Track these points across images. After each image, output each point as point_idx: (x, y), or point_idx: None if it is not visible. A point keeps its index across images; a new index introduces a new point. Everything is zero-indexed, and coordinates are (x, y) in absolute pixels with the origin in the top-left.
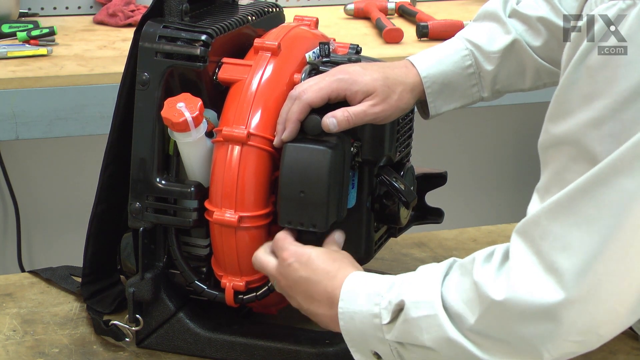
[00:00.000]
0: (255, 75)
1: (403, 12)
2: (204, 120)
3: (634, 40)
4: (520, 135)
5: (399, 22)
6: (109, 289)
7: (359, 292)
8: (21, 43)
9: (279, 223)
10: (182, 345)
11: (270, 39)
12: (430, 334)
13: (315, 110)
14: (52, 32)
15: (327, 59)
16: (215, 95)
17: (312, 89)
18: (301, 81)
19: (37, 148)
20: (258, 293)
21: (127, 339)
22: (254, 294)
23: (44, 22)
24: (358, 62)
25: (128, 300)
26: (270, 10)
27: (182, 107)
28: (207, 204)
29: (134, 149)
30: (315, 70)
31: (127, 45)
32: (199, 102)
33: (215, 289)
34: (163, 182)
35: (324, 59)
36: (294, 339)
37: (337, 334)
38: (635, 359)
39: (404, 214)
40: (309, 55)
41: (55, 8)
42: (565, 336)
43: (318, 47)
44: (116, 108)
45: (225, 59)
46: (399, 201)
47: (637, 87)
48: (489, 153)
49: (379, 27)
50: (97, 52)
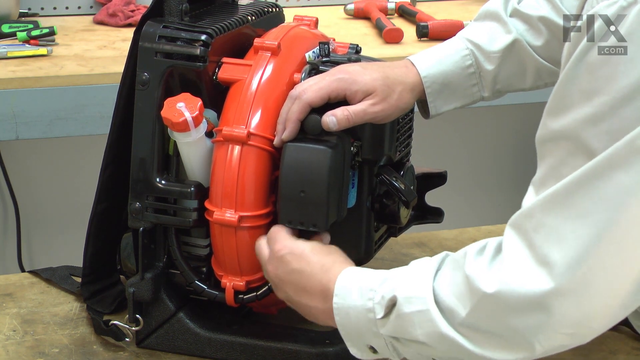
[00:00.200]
0: (255, 75)
1: (403, 12)
2: (204, 120)
3: (635, 38)
4: (520, 135)
5: (399, 22)
6: (109, 289)
7: (353, 287)
8: (21, 43)
9: (279, 222)
10: (182, 345)
11: (270, 38)
12: (423, 329)
13: (315, 110)
14: (52, 32)
15: (327, 58)
16: (215, 95)
17: (312, 89)
18: (301, 81)
19: (37, 148)
20: (258, 293)
21: (127, 339)
22: (254, 293)
23: (44, 22)
24: (358, 61)
25: (128, 300)
26: (270, 10)
27: (182, 107)
28: (207, 204)
29: (134, 149)
30: (315, 70)
31: (127, 45)
32: (199, 102)
33: (215, 288)
34: (163, 182)
35: (323, 59)
36: (294, 339)
37: (337, 334)
38: (635, 359)
39: (404, 213)
40: (309, 55)
41: (55, 8)
42: (556, 328)
43: (318, 47)
44: (116, 108)
45: (225, 59)
46: (399, 201)
47: (637, 85)
48: (489, 153)
49: (379, 27)
50: (97, 52)
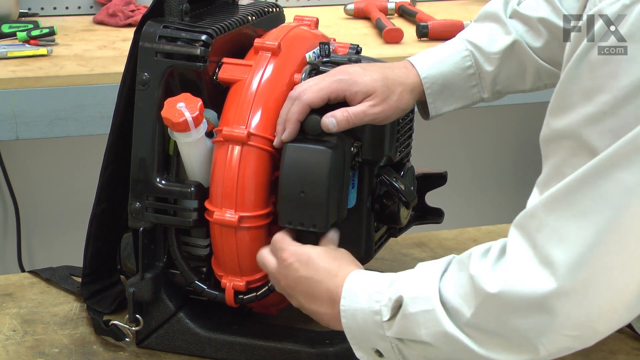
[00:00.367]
0: (255, 75)
1: (403, 12)
2: (204, 120)
3: (636, 37)
4: (520, 135)
5: (399, 22)
6: (109, 289)
7: (360, 290)
8: (21, 43)
9: (279, 223)
10: (182, 345)
11: (270, 39)
12: (427, 329)
13: (315, 110)
14: (52, 32)
15: (327, 59)
16: (215, 95)
17: (312, 90)
18: (301, 81)
19: (37, 148)
20: (258, 293)
21: (127, 339)
22: (254, 294)
23: (44, 22)
24: (358, 62)
25: (128, 300)
26: (270, 10)
27: (182, 107)
28: (207, 204)
29: (134, 149)
30: (315, 71)
31: (127, 45)
32: (199, 102)
33: (215, 289)
34: (163, 182)
35: (324, 59)
36: (294, 339)
37: (337, 334)
38: (635, 359)
39: (404, 214)
40: (309, 55)
41: (55, 8)
42: (560, 329)
43: (318, 47)
44: (116, 108)
45: (225, 59)
46: (399, 201)
47: (638, 84)
48: (489, 153)
49: (379, 27)
50: (97, 52)
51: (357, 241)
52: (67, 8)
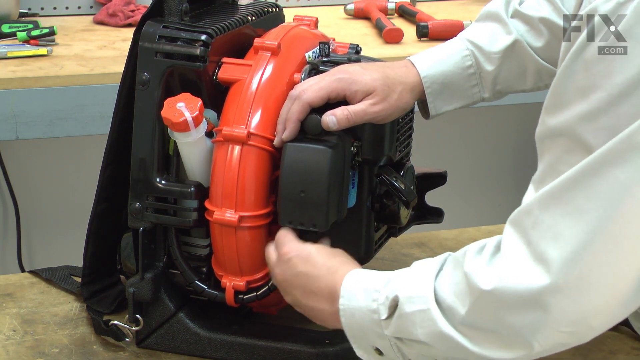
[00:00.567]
0: (255, 75)
1: (403, 12)
2: (204, 120)
3: (631, 34)
4: (520, 135)
5: (399, 22)
6: (109, 289)
7: (358, 289)
8: (21, 43)
9: (280, 223)
10: (182, 345)
11: (270, 38)
12: (423, 329)
13: (315, 110)
14: (52, 32)
15: (327, 58)
16: (215, 95)
17: (312, 89)
18: (301, 81)
19: (37, 148)
20: (258, 293)
21: (127, 339)
22: (254, 293)
23: (44, 22)
24: (358, 62)
25: (128, 300)
26: (270, 10)
27: (182, 107)
28: (207, 204)
29: (134, 149)
30: (315, 70)
31: (127, 45)
32: (199, 102)
33: (215, 288)
34: (163, 182)
35: (324, 59)
36: (294, 339)
37: (337, 334)
38: (635, 359)
39: (404, 213)
40: (309, 55)
41: (55, 8)
42: (554, 326)
43: (318, 47)
44: (116, 108)
45: (225, 59)
46: (399, 201)
47: (633, 81)
48: (489, 153)
49: (379, 27)
50: (97, 52)
51: (357, 241)
52: (67, 8)
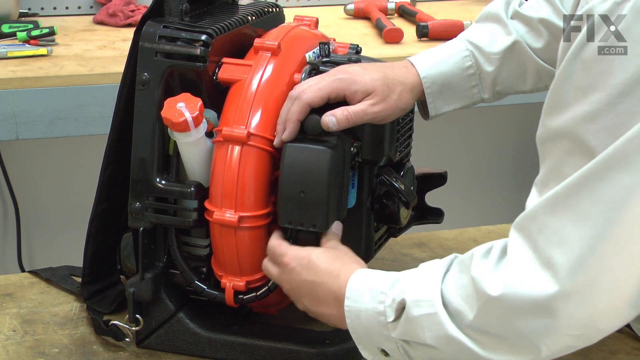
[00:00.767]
0: (255, 75)
1: (403, 12)
2: (204, 120)
3: (630, 33)
4: (520, 135)
5: (399, 22)
6: (109, 289)
7: (364, 290)
8: (21, 43)
9: (279, 223)
10: (182, 345)
11: (270, 39)
12: (431, 332)
13: (315, 110)
14: (52, 32)
15: (327, 59)
16: (215, 95)
17: (312, 89)
18: (301, 81)
19: (37, 148)
20: (258, 293)
21: (127, 339)
22: (254, 294)
23: (44, 22)
24: (358, 62)
25: (128, 300)
26: (270, 10)
27: (182, 107)
28: (207, 204)
29: (134, 149)
30: (315, 70)
31: (127, 45)
32: (199, 102)
33: (215, 289)
34: (163, 182)
35: (324, 59)
36: (294, 339)
37: (337, 334)
38: (635, 359)
39: (404, 213)
40: (309, 55)
41: (55, 8)
42: (563, 330)
43: (318, 47)
44: (116, 108)
45: (225, 59)
46: (399, 201)
47: (633, 80)
48: (489, 153)
49: (379, 27)
50: (97, 52)
51: (357, 241)
52: (67, 8)
